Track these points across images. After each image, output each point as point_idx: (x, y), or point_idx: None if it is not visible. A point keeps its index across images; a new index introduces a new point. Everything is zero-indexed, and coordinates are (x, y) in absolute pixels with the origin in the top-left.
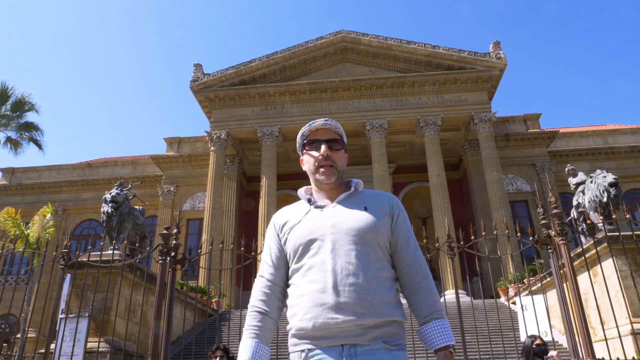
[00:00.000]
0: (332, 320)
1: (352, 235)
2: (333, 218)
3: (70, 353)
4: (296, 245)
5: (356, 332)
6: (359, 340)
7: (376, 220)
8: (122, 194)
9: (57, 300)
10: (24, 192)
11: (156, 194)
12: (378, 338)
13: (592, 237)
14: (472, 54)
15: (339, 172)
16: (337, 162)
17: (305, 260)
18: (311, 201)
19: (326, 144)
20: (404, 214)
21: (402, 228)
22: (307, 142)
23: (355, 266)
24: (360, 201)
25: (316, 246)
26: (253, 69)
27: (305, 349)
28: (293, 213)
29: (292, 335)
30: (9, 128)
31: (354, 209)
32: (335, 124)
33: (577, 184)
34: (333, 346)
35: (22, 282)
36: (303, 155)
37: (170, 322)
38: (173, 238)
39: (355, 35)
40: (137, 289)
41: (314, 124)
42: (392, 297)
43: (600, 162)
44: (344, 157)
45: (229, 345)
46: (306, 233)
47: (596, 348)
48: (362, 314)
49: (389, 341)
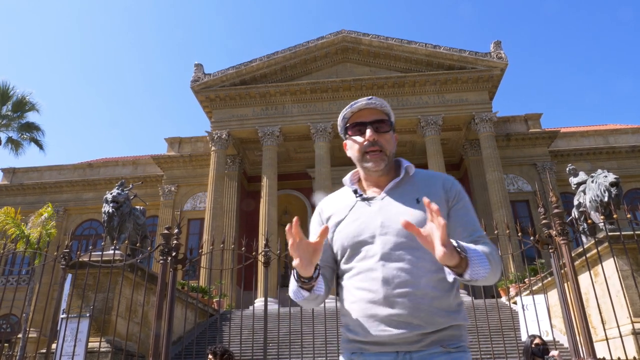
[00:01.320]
0: (385, 333)
1: (403, 237)
2: (382, 215)
3: (71, 353)
4: (344, 246)
5: (412, 340)
6: (413, 347)
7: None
8: (123, 194)
9: (59, 300)
10: (25, 192)
11: (157, 194)
12: (436, 342)
13: (593, 237)
14: (473, 54)
15: (388, 157)
16: (385, 146)
17: (354, 264)
18: (357, 192)
19: (372, 127)
20: (462, 199)
21: (460, 216)
22: (349, 125)
23: (407, 273)
24: (412, 190)
25: (365, 250)
26: (254, 69)
27: (356, 352)
28: (339, 205)
29: (344, 336)
30: (10, 128)
31: (404, 201)
32: (381, 102)
33: (578, 183)
34: (386, 352)
35: (23, 282)
36: (346, 139)
37: (171, 322)
38: (174, 238)
39: (356, 35)
40: (138, 289)
41: (356, 104)
42: (450, 301)
43: (601, 162)
44: (393, 139)
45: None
46: (354, 233)
47: (597, 348)
48: (418, 325)
49: (448, 344)
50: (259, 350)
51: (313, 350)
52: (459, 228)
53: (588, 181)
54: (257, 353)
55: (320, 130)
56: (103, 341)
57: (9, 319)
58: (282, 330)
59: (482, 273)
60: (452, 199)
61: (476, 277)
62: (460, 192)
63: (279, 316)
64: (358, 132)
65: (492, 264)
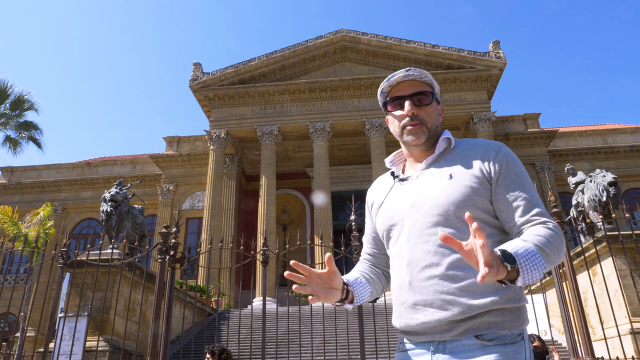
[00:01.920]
0: (413, 321)
1: (431, 216)
2: (414, 195)
3: (69, 352)
4: (382, 231)
5: (442, 329)
6: (446, 336)
7: (463, 191)
8: (122, 193)
9: (56, 299)
10: (23, 191)
11: (155, 193)
12: (469, 331)
13: (592, 237)
14: (472, 53)
15: (429, 130)
16: (426, 119)
17: (390, 249)
18: (394, 174)
19: (410, 100)
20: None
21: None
22: (388, 100)
23: (433, 254)
24: (449, 164)
25: (396, 233)
26: (252, 68)
27: (402, 342)
28: (380, 189)
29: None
30: (8, 127)
31: (437, 177)
32: (421, 73)
33: (576, 183)
34: (423, 342)
35: (21, 280)
36: (387, 115)
37: (169, 321)
38: (172, 237)
39: (354, 34)
40: (136, 288)
41: (393, 77)
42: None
43: (600, 162)
44: (437, 111)
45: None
46: (387, 217)
47: (595, 347)
48: (444, 310)
49: (484, 335)
50: (257, 349)
51: (311, 350)
52: (509, 209)
53: (586, 181)
54: (256, 352)
55: (319, 129)
56: (101, 340)
57: (6, 318)
58: (280, 329)
59: (537, 276)
60: (497, 172)
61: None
62: (507, 161)
63: (278, 315)
64: (398, 106)
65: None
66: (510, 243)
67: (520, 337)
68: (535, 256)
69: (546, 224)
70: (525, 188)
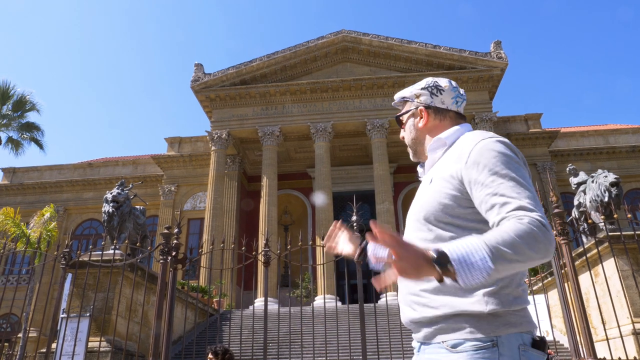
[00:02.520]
0: (403, 321)
1: (413, 221)
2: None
3: (71, 352)
4: None
5: (415, 330)
6: (421, 339)
7: (435, 197)
8: (123, 193)
9: (59, 299)
10: (25, 192)
11: (157, 194)
12: (433, 335)
13: (594, 237)
14: (473, 54)
15: (411, 147)
16: (408, 138)
17: None
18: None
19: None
20: (479, 167)
21: (480, 190)
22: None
23: None
24: (436, 168)
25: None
26: (254, 69)
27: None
28: None
29: None
30: (10, 128)
31: (425, 183)
32: (397, 96)
33: (578, 183)
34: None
35: (23, 281)
36: None
37: (171, 322)
38: (174, 238)
39: (356, 35)
40: (138, 288)
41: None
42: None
43: (601, 162)
44: (412, 123)
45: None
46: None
47: (597, 348)
48: (412, 312)
49: (447, 340)
50: (259, 350)
51: (313, 350)
52: (485, 209)
53: (588, 181)
54: (257, 353)
55: (320, 130)
56: (103, 341)
57: (9, 319)
58: (282, 330)
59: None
60: (469, 172)
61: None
62: (481, 157)
63: (279, 316)
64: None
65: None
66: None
67: (492, 344)
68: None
69: (521, 218)
70: (502, 182)
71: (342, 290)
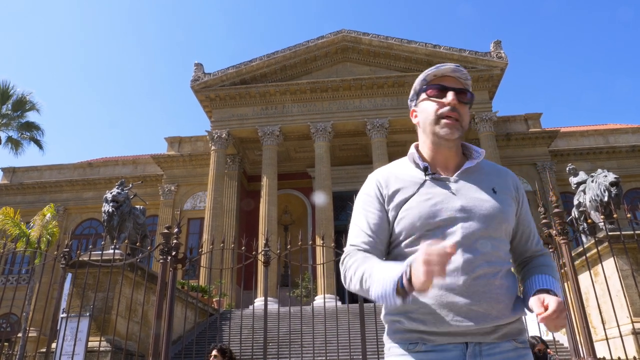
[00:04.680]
0: (462, 324)
1: (485, 224)
2: (461, 199)
3: (71, 352)
4: (414, 227)
5: (485, 332)
6: (487, 339)
7: (508, 209)
8: (123, 193)
9: (58, 299)
10: (25, 192)
11: (157, 194)
12: (507, 336)
13: (593, 237)
14: (473, 53)
15: (462, 129)
16: (463, 117)
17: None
18: (428, 170)
19: (454, 93)
20: (526, 200)
21: (527, 216)
22: (428, 85)
23: (488, 262)
24: (487, 179)
25: (441, 232)
26: (254, 69)
27: (416, 342)
28: (405, 180)
29: (398, 326)
30: (10, 128)
31: (482, 188)
32: (466, 74)
33: (578, 183)
34: (455, 343)
35: (23, 281)
36: (417, 105)
37: (171, 322)
38: (174, 237)
39: (356, 34)
40: (138, 288)
41: (441, 68)
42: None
43: (601, 162)
44: (469, 115)
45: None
46: (428, 213)
47: (597, 347)
48: (496, 317)
49: (517, 339)
50: (258, 349)
51: (313, 350)
52: (529, 234)
53: (588, 181)
54: (257, 352)
55: (320, 129)
56: (103, 340)
57: (9, 318)
58: (282, 329)
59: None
60: (521, 199)
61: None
62: (524, 192)
63: (279, 316)
64: (437, 94)
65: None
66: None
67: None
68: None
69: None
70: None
71: (342, 290)
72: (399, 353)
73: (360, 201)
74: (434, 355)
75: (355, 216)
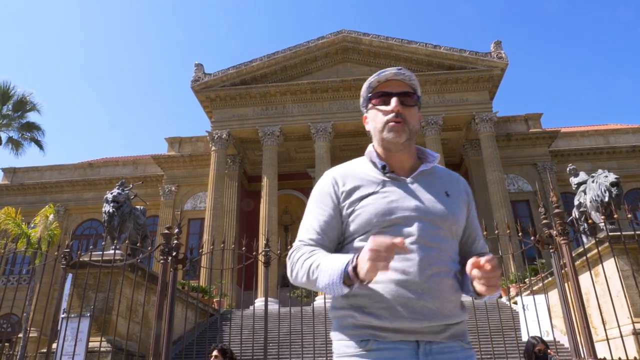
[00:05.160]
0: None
1: (438, 225)
2: (416, 199)
3: (72, 353)
4: (370, 223)
5: (436, 331)
6: (437, 338)
7: (459, 212)
8: (124, 193)
9: (59, 300)
10: (26, 192)
11: (157, 194)
12: (455, 336)
13: (594, 237)
14: (473, 54)
15: (410, 132)
16: (409, 120)
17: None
18: (386, 169)
19: (397, 98)
20: (473, 204)
21: (475, 221)
22: (373, 94)
23: (441, 262)
24: (440, 182)
25: (397, 229)
26: (254, 69)
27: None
28: (362, 178)
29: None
30: (11, 128)
31: (436, 191)
32: (410, 75)
33: (578, 183)
34: (407, 340)
35: (24, 281)
36: (367, 111)
37: (171, 322)
38: (174, 238)
39: (356, 35)
40: (139, 288)
41: (383, 74)
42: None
43: (602, 162)
44: (418, 116)
45: (230, 344)
46: (385, 210)
47: (598, 348)
48: (446, 316)
49: (463, 339)
50: (259, 350)
51: (313, 350)
52: (475, 234)
53: (588, 181)
54: (258, 353)
55: (321, 130)
56: (103, 341)
57: (9, 319)
58: (282, 330)
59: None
60: (471, 204)
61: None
62: (473, 198)
63: (280, 316)
64: (383, 102)
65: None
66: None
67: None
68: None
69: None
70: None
71: None
72: (350, 353)
73: (313, 198)
74: (387, 353)
75: (307, 213)
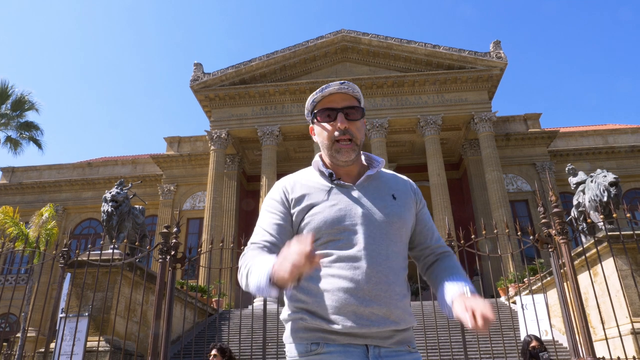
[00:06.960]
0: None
1: (386, 231)
2: (362, 206)
3: (70, 352)
4: (320, 231)
5: (384, 336)
6: (385, 343)
7: (407, 213)
8: (122, 193)
9: (57, 299)
10: (24, 192)
11: (156, 193)
12: (402, 342)
13: (593, 237)
14: (473, 54)
15: (358, 147)
16: (355, 135)
17: (332, 251)
18: (333, 177)
19: (343, 114)
20: (424, 204)
21: (426, 215)
22: (319, 110)
23: (389, 268)
24: (386, 186)
25: (346, 237)
26: (253, 68)
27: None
28: (311, 187)
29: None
30: (9, 127)
31: (382, 196)
32: (353, 88)
33: (577, 183)
34: (356, 344)
35: (22, 281)
36: (313, 124)
37: (170, 322)
38: (173, 237)
39: (355, 34)
40: (137, 288)
41: (327, 89)
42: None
43: (601, 162)
44: (363, 127)
45: (229, 343)
46: (333, 219)
47: (596, 347)
48: (394, 322)
49: (410, 344)
50: (258, 349)
51: None
52: (427, 231)
53: (587, 181)
54: (256, 352)
55: None
56: (102, 340)
57: (7, 318)
58: (281, 329)
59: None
60: (419, 202)
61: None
62: (422, 197)
63: (278, 315)
64: (327, 117)
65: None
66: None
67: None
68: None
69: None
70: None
71: None
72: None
73: (265, 205)
74: (337, 355)
75: (260, 218)
